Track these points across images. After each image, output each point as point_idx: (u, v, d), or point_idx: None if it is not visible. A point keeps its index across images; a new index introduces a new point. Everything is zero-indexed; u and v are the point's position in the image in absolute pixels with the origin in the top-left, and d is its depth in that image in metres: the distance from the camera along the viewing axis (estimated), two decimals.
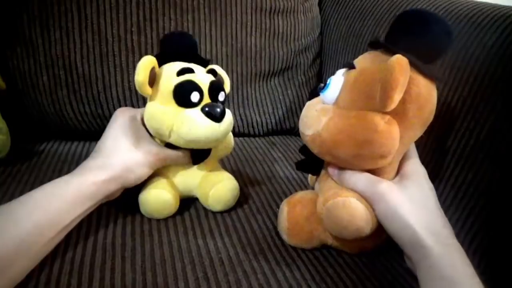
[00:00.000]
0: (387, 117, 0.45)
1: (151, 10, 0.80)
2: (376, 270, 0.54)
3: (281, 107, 0.94)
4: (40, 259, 0.46)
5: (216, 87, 0.57)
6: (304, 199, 0.56)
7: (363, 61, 0.49)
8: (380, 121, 0.45)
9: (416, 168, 0.51)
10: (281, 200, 0.65)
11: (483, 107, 0.57)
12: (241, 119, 0.91)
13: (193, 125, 0.54)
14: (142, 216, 0.59)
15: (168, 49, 0.60)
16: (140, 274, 0.48)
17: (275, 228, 0.59)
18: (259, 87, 0.91)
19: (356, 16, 0.90)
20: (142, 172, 0.56)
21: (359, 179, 0.49)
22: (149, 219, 0.58)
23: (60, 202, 0.48)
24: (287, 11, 0.91)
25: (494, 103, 0.56)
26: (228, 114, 0.56)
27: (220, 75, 0.62)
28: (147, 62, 0.53)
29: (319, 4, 1.03)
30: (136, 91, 0.80)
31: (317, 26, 1.00)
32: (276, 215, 0.62)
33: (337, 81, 0.49)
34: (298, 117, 0.56)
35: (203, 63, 0.61)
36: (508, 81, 0.55)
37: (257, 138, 0.93)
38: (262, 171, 0.76)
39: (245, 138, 0.92)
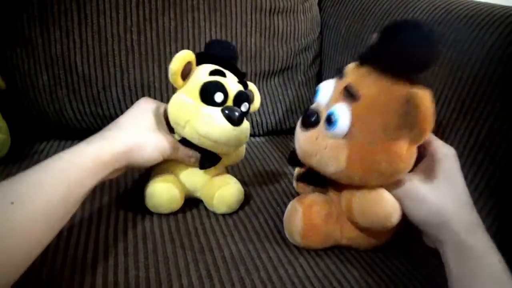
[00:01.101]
0: (403, 141, 0.46)
1: (151, 10, 0.80)
2: (378, 267, 0.54)
3: (281, 107, 0.94)
4: (58, 231, 0.45)
5: (242, 96, 0.58)
6: (319, 201, 0.55)
7: (367, 89, 0.47)
8: (402, 150, 0.46)
9: (444, 151, 0.51)
10: (282, 200, 0.66)
11: (483, 107, 0.58)
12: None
13: (209, 121, 0.55)
14: (145, 213, 0.59)
15: (212, 51, 0.62)
16: (143, 271, 0.48)
17: (277, 226, 0.59)
18: (259, 87, 0.91)
19: (356, 16, 0.90)
20: (153, 154, 0.56)
21: None
22: (151, 217, 0.58)
23: (80, 171, 0.47)
24: (287, 11, 0.91)
25: (494, 103, 0.57)
26: (245, 123, 0.57)
27: (252, 92, 0.64)
28: (184, 55, 0.55)
29: (319, 4, 1.03)
30: (136, 91, 0.80)
31: (317, 26, 1.00)
32: (277, 213, 0.62)
33: (343, 114, 0.47)
34: (298, 117, 0.56)
35: (240, 75, 0.62)
36: (508, 81, 0.56)
37: (257, 138, 0.93)
38: (262, 171, 0.76)
39: None
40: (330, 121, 0.48)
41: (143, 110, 0.59)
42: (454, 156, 0.51)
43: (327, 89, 0.51)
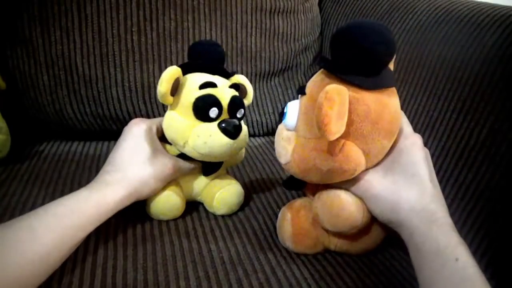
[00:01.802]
0: (342, 141, 0.46)
1: (151, 10, 0.80)
2: (375, 268, 0.54)
3: (281, 107, 0.93)
4: (53, 270, 0.46)
5: (236, 104, 0.57)
6: (307, 205, 0.55)
7: (312, 85, 0.49)
8: (335, 149, 0.46)
9: (405, 142, 0.49)
10: (281, 201, 0.66)
11: (483, 107, 0.58)
12: None
13: (208, 140, 0.54)
14: (144, 216, 0.59)
15: (195, 58, 0.60)
16: (141, 273, 0.48)
17: (275, 227, 0.59)
18: (259, 87, 0.92)
19: (356, 16, 0.90)
20: (157, 185, 0.56)
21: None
22: (151, 219, 0.58)
23: (79, 219, 0.47)
24: (287, 11, 0.91)
25: (494, 103, 0.56)
26: (243, 131, 0.57)
27: (243, 86, 0.63)
28: (170, 74, 0.53)
29: (319, 4, 1.03)
30: (136, 91, 0.81)
31: (317, 26, 1.00)
32: (276, 215, 0.62)
33: (293, 107, 0.50)
34: None
35: (228, 74, 0.61)
36: (508, 81, 0.55)
37: (257, 138, 0.93)
38: (262, 171, 0.76)
39: None
40: (282, 112, 0.51)
41: (137, 139, 0.57)
42: (416, 145, 0.49)
43: (293, 110, 0.50)
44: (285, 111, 0.50)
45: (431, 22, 0.70)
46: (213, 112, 0.54)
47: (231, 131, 0.54)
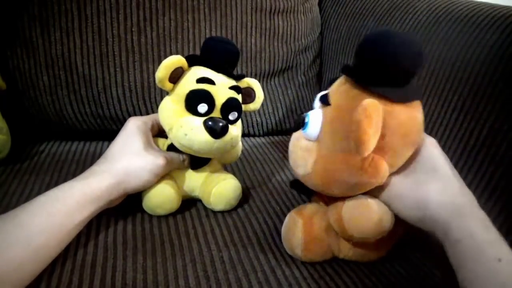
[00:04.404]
0: (371, 156, 0.45)
1: (151, 10, 0.80)
2: (375, 269, 0.54)
3: (281, 107, 0.94)
4: (47, 263, 0.46)
5: (230, 105, 0.57)
6: (318, 212, 0.53)
7: (338, 96, 0.48)
8: (365, 164, 0.45)
9: (423, 144, 0.49)
10: (281, 200, 0.66)
11: (483, 107, 0.58)
12: (241, 119, 0.91)
13: (189, 133, 0.54)
14: (143, 215, 0.59)
15: (205, 53, 0.59)
16: (141, 273, 0.48)
17: (276, 227, 0.59)
18: None
19: (356, 16, 0.90)
20: (149, 177, 0.56)
21: None
22: (150, 218, 0.58)
23: (63, 205, 0.48)
24: (287, 11, 0.91)
25: (494, 103, 0.56)
26: (229, 134, 0.55)
27: (253, 91, 0.63)
28: (171, 62, 0.54)
29: (319, 4, 1.03)
30: (136, 91, 0.81)
31: (317, 26, 1.00)
32: (276, 214, 0.62)
33: (315, 117, 0.48)
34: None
35: (234, 75, 0.60)
36: (508, 81, 0.55)
37: (257, 138, 0.93)
38: (262, 171, 0.76)
39: (245, 138, 0.92)
40: (303, 122, 0.49)
41: (130, 133, 0.58)
42: (432, 143, 0.49)
43: (316, 120, 0.49)
44: (306, 120, 0.49)
45: (431, 22, 0.70)
46: (202, 107, 0.55)
47: (215, 130, 0.54)
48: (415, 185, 0.46)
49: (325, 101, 0.48)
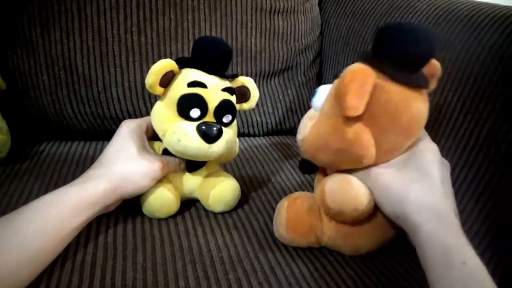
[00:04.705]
0: (357, 124, 0.46)
1: (151, 10, 0.80)
2: (375, 268, 0.54)
3: (281, 107, 0.94)
4: (43, 267, 0.46)
5: (223, 108, 0.56)
6: (304, 195, 0.57)
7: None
8: (349, 130, 0.46)
9: (421, 146, 0.50)
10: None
11: (483, 107, 0.58)
12: (241, 119, 0.91)
13: (182, 139, 0.54)
14: (143, 215, 0.59)
15: (196, 54, 0.58)
16: (141, 273, 0.48)
17: None
18: (259, 87, 0.91)
19: (356, 16, 0.90)
20: (145, 182, 0.55)
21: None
22: (150, 219, 0.58)
23: (59, 210, 0.48)
24: (287, 11, 0.91)
25: (494, 103, 0.56)
26: (224, 137, 0.55)
27: (248, 90, 0.62)
28: (160, 67, 0.54)
29: (319, 4, 1.03)
30: (136, 91, 0.81)
31: (317, 26, 1.00)
32: None
33: (324, 90, 0.51)
34: (298, 117, 0.56)
35: (226, 76, 0.59)
36: (508, 81, 0.55)
37: (257, 138, 0.93)
38: (262, 171, 0.76)
39: (245, 138, 0.92)
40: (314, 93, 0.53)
41: (124, 137, 0.57)
42: (431, 149, 0.50)
43: (323, 92, 0.52)
44: (316, 91, 0.52)
45: (431, 22, 0.70)
46: (195, 112, 0.54)
47: (209, 135, 0.53)
48: (401, 181, 0.47)
49: (337, 75, 0.50)
